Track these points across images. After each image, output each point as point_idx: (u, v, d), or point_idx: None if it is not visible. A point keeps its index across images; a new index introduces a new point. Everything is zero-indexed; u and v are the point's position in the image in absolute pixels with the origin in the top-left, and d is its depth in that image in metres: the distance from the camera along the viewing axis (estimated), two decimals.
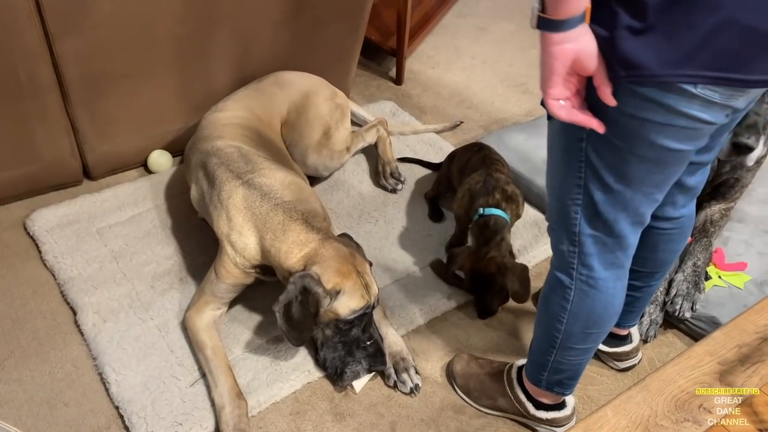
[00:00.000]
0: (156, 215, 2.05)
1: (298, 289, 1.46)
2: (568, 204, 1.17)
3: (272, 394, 1.59)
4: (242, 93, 2.07)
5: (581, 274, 1.23)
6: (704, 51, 0.88)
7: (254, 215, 1.60)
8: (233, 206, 1.62)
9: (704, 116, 0.97)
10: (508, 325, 1.83)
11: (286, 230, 1.55)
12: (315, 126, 2.11)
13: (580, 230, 1.18)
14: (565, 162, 1.13)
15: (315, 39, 2.33)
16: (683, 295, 1.77)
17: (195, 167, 1.82)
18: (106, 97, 2.01)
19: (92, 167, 2.16)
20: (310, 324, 1.50)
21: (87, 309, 1.74)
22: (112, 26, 1.86)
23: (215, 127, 1.90)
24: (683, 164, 1.10)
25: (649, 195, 1.12)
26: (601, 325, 1.30)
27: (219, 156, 1.74)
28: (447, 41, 3.26)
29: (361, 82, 2.87)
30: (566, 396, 1.48)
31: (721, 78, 0.91)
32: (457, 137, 2.58)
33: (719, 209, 1.98)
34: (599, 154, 1.07)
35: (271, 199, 1.61)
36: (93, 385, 1.61)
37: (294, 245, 1.53)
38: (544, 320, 1.35)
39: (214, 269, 1.66)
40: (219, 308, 1.69)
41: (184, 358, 1.65)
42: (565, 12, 0.89)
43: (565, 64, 0.93)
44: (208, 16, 2.01)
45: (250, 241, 1.60)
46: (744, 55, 0.89)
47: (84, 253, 1.90)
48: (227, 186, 1.65)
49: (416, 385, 1.63)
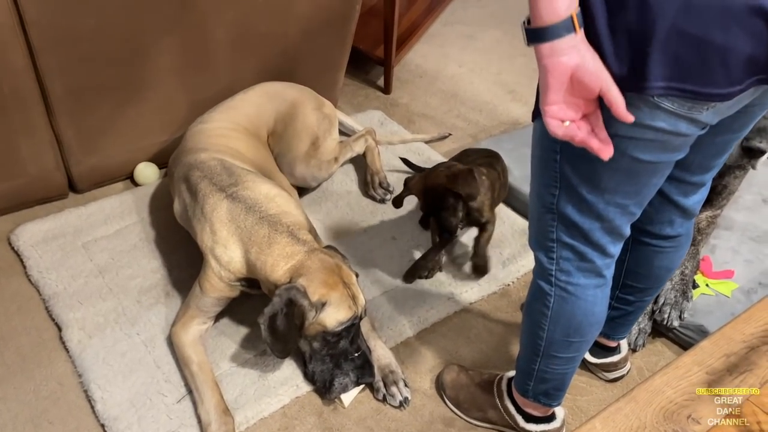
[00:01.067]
0: (142, 228, 2.04)
1: (283, 301, 1.45)
2: (544, 211, 1.18)
3: (260, 410, 1.58)
4: (228, 104, 2.07)
5: (559, 281, 1.24)
6: (657, 60, 0.87)
7: (239, 228, 1.59)
8: (217, 220, 1.61)
9: (671, 128, 0.95)
10: (498, 336, 1.83)
11: (272, 243, 1.54)
12: (303, 137, 2.11)
13: (557, 237, 1.19)
14: (541, 170, 1.14)
15: (302, 49, 2.32)
16: (671, 304, 1.77)
17: (178, 180, 1.81)
18: (91, 110, 2.00)
19: (78, 180, 2.15)
20: (295, 336, 1.49)
21: (72, 325, 1.73)
22: (96, 40, 1.85)
23: (199, 139, 1.89)
24: (658, 176, 1.09)
25: (624, 207, 1.11)
26: (583, 333, 1.30)
27: (202, 169, 1.73)
28: (435, 50, 3.27)
29: (349, 92, 2.87)
30: (554, 407, 1.48)
31: (676, 89, 0.89)
32: (446, 146, 2.59)
33: (706, 217, 1.99)
34: (572, 165, 1.07)
35: (256, 212, 1.60)
36: (78, 403, 1.59)
37: (280, 258, 1.52)
38: (527, 328, 1.35)
39: (198, 283, 1.65)
40: (205, 323, 1.68)
41: (171, 373, 1.63)
42: (544, 18, 0.86)
43: (560, 80, 0.89)
44: (194, 28, 2.00)
45: (235, 255, 1.59)
46: (697, 66, 0.87)
47: (69, 267, 1.89)
48: (211, 199, 1.64)
49: (405, 398, 1.62)
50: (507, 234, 2.12)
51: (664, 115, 0.93)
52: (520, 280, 2.00)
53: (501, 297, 1.95)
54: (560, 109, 0.92)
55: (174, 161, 1.91)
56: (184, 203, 1.76)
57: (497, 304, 1.93)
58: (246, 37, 2.13)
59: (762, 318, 1.66)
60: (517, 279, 2.00)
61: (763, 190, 2.25)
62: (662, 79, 0.88)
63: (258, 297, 1.82)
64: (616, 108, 0.88)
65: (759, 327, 1.64)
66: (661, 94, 0.90)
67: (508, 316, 1.89)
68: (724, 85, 0.88)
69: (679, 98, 0.90)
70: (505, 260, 2.02)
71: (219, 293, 1.64)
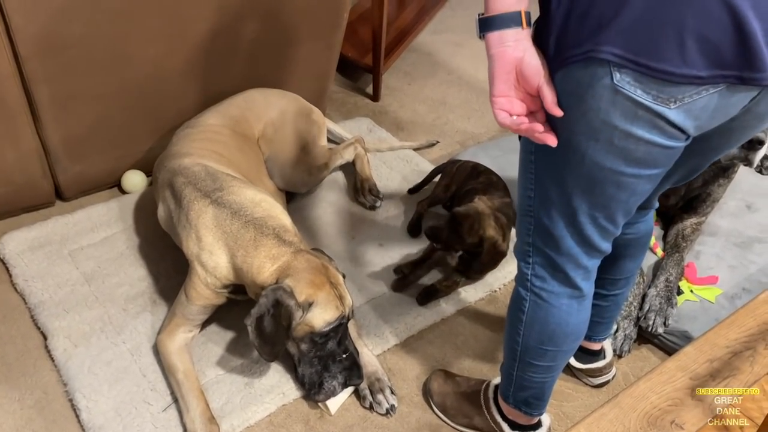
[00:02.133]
0: (129, 236, 2.03)
1: (270, 302, 1.45)
2: (523, 215, 1.19)
3: (246, 418, 1.57)
4: (216, 108, 2.07)
5: (534, 286, 1.24)
6: (612, 31, 0.87)
7: (225, 233, 1.59)
8: (203, 225, 1.61)
9: (624, 126, 0.93)
10: (485, 342, 1.83)
11: (258, 246, 1.54)
12: (292, 142, 2.12)
13: (533, 242, 1.20)
14: (522, 173, 1.15)
15: (290, 57, 2.33)
16: (656, 310, 1.78)
17: (162, 186, 1.81)
18: (78, 117, 1.99)
19: (64, 188, 2.14)
20: (283, 338, 1.49)
21: (58, 333, 1.72)
22: (82, 48, 1.85)
23: (184, 144, 1.89)
24: (625, 192, 1.05)
25: (593, 218, 1.10)
26: (556, 341, 1.30)
27: (186, 175, 1.73)
28: (423, 57, 3.28)
29: (338, 99, 2.88)
30: (534, 416, 1.48)
31: (629, 60, 0.87)
32: (435, 153, 2.60)
33: (691, 224, 2.01)
34: (544, 165, 1.08)
35: (242, 216, 1.60)
36: (63, 412, 1.58)
37: (266, 260, 1.52)
38: (507, 333, 1.36)
39: (184, 291, 1.65)
40: (191, 330, 1.68)
41: (157, 382, 1.63)
42: (496, 7, 0.92)
43: (506, 70, 0.94)
44: (181, 35, 2.00)
45: (222, 260, 1.58)
46: (649, 39, 0.86)
47: (55, 276, 1.88)
48: (196, 205, 1.64)
49: (392, 405, 1.62)
50: None
51: (623, 107, 0.92)
52: (507, 286, 2.01)
53: (488, 303, 1.96)
54: (508, 101, 0.97)
55: (158, 166, 1.91)
56: (169, 210, 1.76)
57: (484, 310, 1.93)
58: (233, 44, 2.14)
59: (745, 323, 1.68)
60: (504, 285, 2.01)
61: (747, 197, 2.27)
62: (616, 47, 0.88)
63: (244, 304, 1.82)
64: (546, 101, 0.95)
65: (742, 332, 1.65)
66: (615, 63, 0.88)
67: (494, 323, 1.89)
68: (677, 64, 0.86)
69: (634, 73, 0.88)
70: None
71: (205, 301, 1.63)
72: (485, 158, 2.38)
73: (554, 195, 1.09)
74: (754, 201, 2.26)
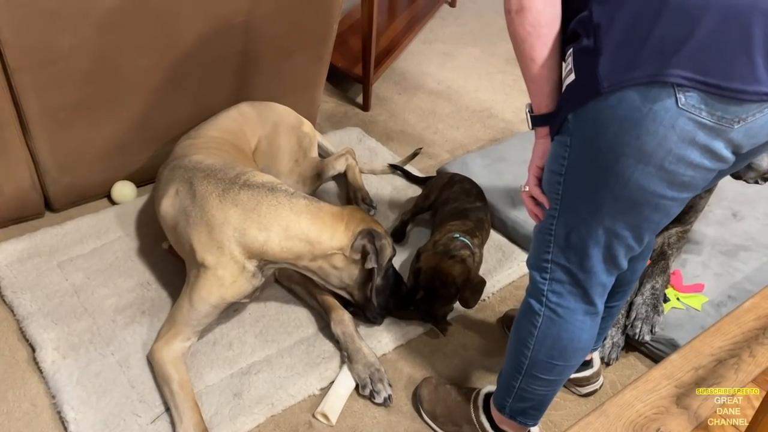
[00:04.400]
0: (119, 247, 2.03)
1: (372, 244, 1.64)
2: (542, 233, 1.21)
3: (235, 429, 1.57)
4: (213, 122, 2.08)
5: (550, 301, 1.25)
6: (680, 55, 0.92)
7: (271, 206, 1.62)
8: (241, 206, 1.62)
9: (692, 156, 0.97)
10: (475, 351, 1.84)
11: (322, 208, 1.66)
12: (285, 154, 2.13)
13: (552, 258, 1.21)
14: (545, 190, 1.19)
15: (280, 68, 2.34)
16: (642, 318, 1.80)
17: (175, 181, 1.78)
18: (67, 129, 2.00)
19: (54, 199, 2.14)
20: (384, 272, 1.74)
21: (46, 345, 1.71)
22: (72, 59, 1.85)
23: (191, 150, 1.90)
24: (660, 214, 1.09)
25: (622, 238, 1.13)
26: (567, 357, 1.31)
27: (204, 170, 1.74)
28: (413, 67, 3.31)
29: (328, 109, 2.90)
30: (528, 426, 1.49)
31: (699, 81, 0.91)
32: (425, 162, 2.61)
33: (676, 232, 2.03)
34: (576, 187, 1.11)
35: (282, 189, 1.67)
36: (52, 425, 1.58)
37: (329, 219, 1.65)
38: (513, 344, 1.37)
39: (187, 297, 1.64)
40: (189, 339, 1.67)
41: (146, 393, 1.63)
42: (540, 109, 1.16)
43: (544, 152, 1.19)
44: (171, 47, 2.01)
45: (272, 233, 1.61)
46: (720, 56, 0.90)
47: (44, 287, 1.88)
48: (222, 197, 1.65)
49: (389, 395, 1.66)
50: (484, 249, 2.14)
51: (682, 131, 0.94)
52: (496, 294, 2.02)
53: (478, 312, 1.97)
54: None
55: (169, 168, 1.88)
56: (182, 206, 1.72)
57: (474, 318, 1.94)
58: (222, 56, 2.15)
59: (730, 331, 1.69)
60: (494, 294, 2.02)
61: (733, 205, 2.30)
62: (687, 70, 0.91)
63: (234, 317, 1.83)
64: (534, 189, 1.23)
65: (727, 340, 1.67)
66: (682, 85, 0.91)
67: (486, 331, 1.90)
68: (749, 81, 0.90)
69: (702, 95, 0.91)
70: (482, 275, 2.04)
71: (219, 299, 1.62)
72: (474, 167, 2.40)
73: (585, 215, 1.12)
74: (739, 209, 2.28)
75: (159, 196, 1.85)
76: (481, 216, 2.03)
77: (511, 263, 2.10)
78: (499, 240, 2.19)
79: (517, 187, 2.29)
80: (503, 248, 2.16)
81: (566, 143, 1.09)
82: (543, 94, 1.13)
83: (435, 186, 2.19)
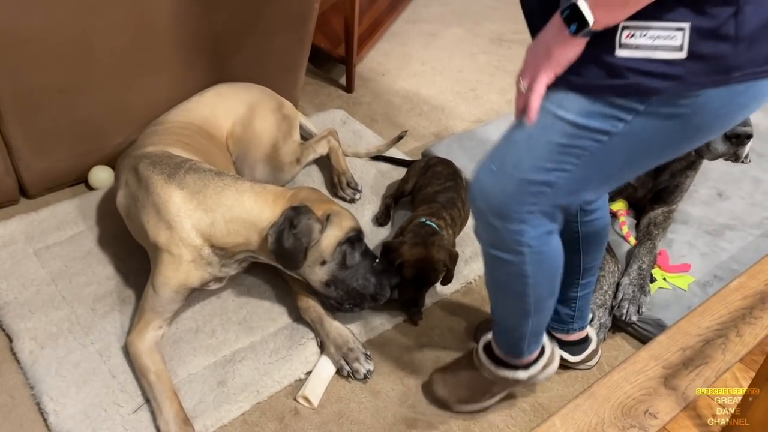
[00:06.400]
0: (97, 234, 1.98)
1: (287, 218, 1.55)
2: (533, 182, 1.13)
3: (219, 417, 1.55)
4: (183, 106, 2.02)
5: (531, 246, 1.21)
6: None
7: (215, 189, 1.61)
8: (188, 191, 1.61)
9: None
10: (461, 334, 1.82)
11: (265, 188, 1.64)
12: (262, 138, 2.07)
13: (540, 208, 1.16)
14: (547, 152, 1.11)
15: (260, 49, 2.29)
16: (629, 298, 1.79)
17: (124, 171, 1.78)
18: (42, 113, 1.94)
19: (29, 185, 2.08)
20: (304, 247, 1.57)
21: (23, 335, 1.67)
22: (44, 41, 1.79)
23: (149, 138, 1.86)
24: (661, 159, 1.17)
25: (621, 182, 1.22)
26: (558, 271, 1.32)
27: (150, 158, 1.72)
28: (397, 48, 3.26)
29: (311, 91, 2.84)
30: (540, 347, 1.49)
31: None
32: (410, 144, 2.58)
33: (662, 212, 2.02)
34: (625, 150, 1.08)
35: (226, 175, 1.65)
36: (30, 416, 1.54)
37: (272, 199, 1.61)
38: (510, 304, 1.36)
39: (151, 283, 1.62)
40: (160, 327, 1.64)
41: (127, 383, 1.59)
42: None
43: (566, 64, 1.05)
44: (147, 27, 1.95)
45: (216, 216, 1.60)
46: None
47: (20, 276, 1.83)
48: (174, 179, 1.63)
49: (369, 370, 1.65)
50: (468, 232, 2.12)
51: None
52: (481, 277, 2.01)
53: (463, 295, 1.95)
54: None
55: (121, 159, 1.88)
56: (131, 194, 1.72)
57: (460, 302, 1.93)
58: (200, 37, 2.09)
59: (717, 311, 1.70)
60: (479, 277, 2.00)
61: (719, 185, 2.29)
62: None
63: (218, 304, 1.80)
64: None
65: (714, 320, 1.67)
66: None
67: (471, 314, 1.89)
68: None
69: None
70: (467, 258, 2.02)
71: (178, 284, 1.60)
72: (459, 149, 2.37)
73: (614, 173, 1.15)
74: (725, 189, 2.28)
75: (115, 189, 1.85)
76: (452, 195, 2.01)
77: None
78: None
79: None
80: None
81: (636, 109, 1.02)
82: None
83: (413, 171, 2.18)
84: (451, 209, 1.97)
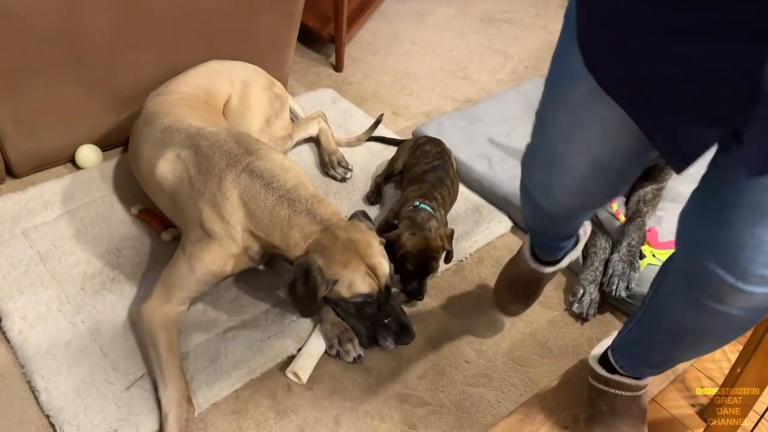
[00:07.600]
0: (85, 213, 1.97)
1: (300, 272, 1.50)
2: None
3: (213, 395, 1.55)
4: (182, 78, 2.01)
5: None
6: None
7: (259, 208, 1.56)
8: (235, 200, 1.58)
9: None
10: (452, 313, 1.83)
11: (292, 226, 1.54)
12: (256, 113, 2.07)
13: None
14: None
15: (248, 27, 2.26)
16: (619, 274, 1.80)
17: (171, 145, 1.73)
18: (27, 91, 1.91)
19: (15, 165, 2.06)
20: (314, 300, 1.52)
21: (13, 315, 1.66)
22: (28, 18, 1.76)
23: (167, 108, 1.84)
24: None
25: None
26: None
27: (206, 137, 1.69)
28: (386, 27, 3.23)
29: (300, 70, 2.82)
30: None
31: None
32: (400, 124, 2.57)
33: (651, 189, 2.03)
34: None
35: (275, 189, 1.57)
36: (21, 394, 1.54)
37: (300, 239, 1.53)
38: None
39: (187, 263, 1.59)
40: (183, 304, 1.63)
41: (118, 361, 1.59)
42: None
43: None
44: (133, 4, 1.92)
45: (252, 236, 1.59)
46: None
47: (8, 255, 1.81)
48: (229, 175, 1.60)
49: (359, 355, 1.65)
50: (460, 211, 2.12)
51: None
52: (473, 255, 2.01)
53: (454, 274, 1.96)
54: None
55: (144, 126, 1.84)
56: (187, 172, 1.67)
57: (451, 280, 1.93)
58: (188, 14, 2.06)
59: None
60: (471, 255, 2.01)
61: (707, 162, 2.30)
62: None
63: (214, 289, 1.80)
64: None
65: None
66: None
67: (461, 293, 1.89)
68: None
69: None
70: (458, 236, 2.02)
71: (222, 271, 1.61)
72: (450, 128, 2.37)
73: None
74: None
75: (151, 157, 1.77)
76: (440, 174, 2.01)
77: (488, 224, 2.09)
78: (476, 201, 2.18)
79: (493, 148, 2.27)
80: (480, 209, 2.14)
81: None
82: None
83: (402, 151, 2.18)
84: (441, 188, 1.97)
